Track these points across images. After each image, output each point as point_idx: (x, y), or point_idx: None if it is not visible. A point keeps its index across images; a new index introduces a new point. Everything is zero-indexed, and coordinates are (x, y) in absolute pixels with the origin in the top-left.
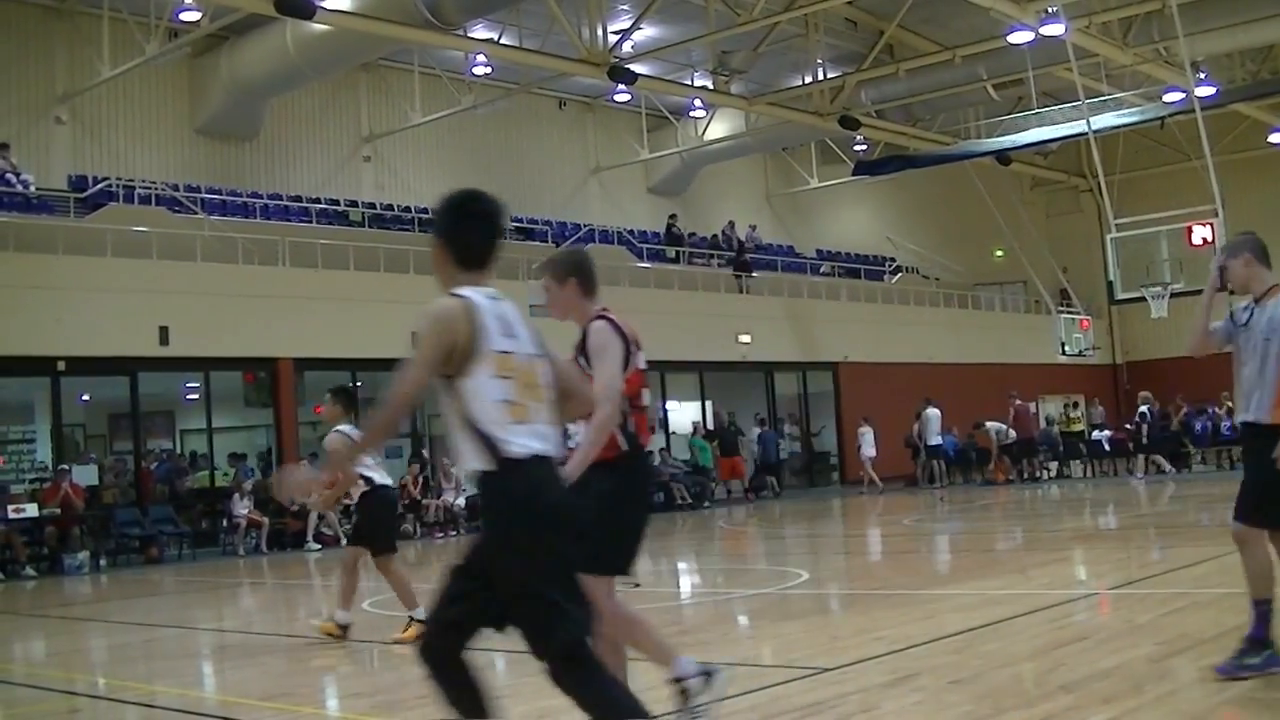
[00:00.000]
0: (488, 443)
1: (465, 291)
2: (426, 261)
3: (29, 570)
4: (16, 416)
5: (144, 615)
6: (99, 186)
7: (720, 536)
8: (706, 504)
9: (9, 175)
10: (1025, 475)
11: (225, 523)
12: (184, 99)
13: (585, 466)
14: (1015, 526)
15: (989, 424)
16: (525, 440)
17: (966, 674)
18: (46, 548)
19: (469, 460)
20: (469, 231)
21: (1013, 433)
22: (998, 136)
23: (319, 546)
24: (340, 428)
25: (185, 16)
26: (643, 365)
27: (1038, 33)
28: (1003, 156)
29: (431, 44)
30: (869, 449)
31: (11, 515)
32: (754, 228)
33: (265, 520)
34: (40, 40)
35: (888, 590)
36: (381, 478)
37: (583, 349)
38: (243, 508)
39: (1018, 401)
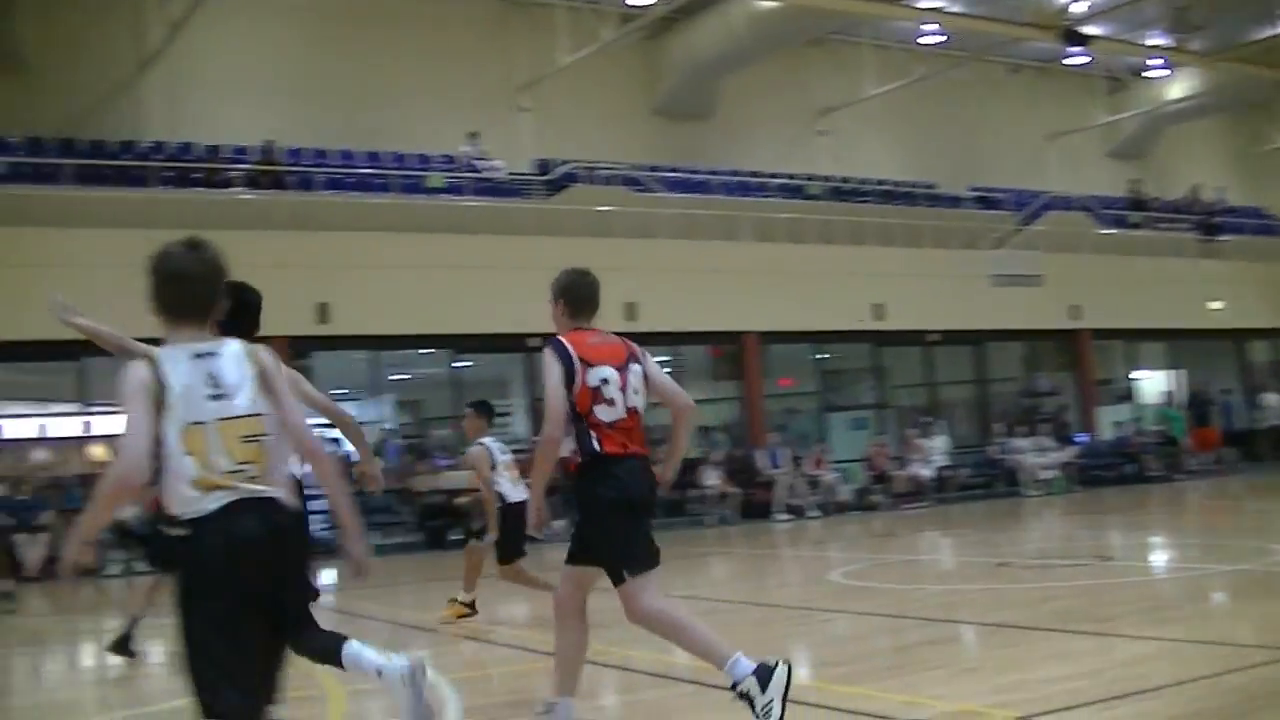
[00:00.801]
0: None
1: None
2: (887, 233)
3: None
4: (494, 392)
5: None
6: (563, 169)
7: (1193, 509)
8: (1178, 475)
9: (479, 162)
10: None
11: (695, 493)
12: (640, 81)
13: (540, 484)
14: None
15: None
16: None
17: None
18: None
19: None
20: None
21: None
22: None
23: (789, 517)
24: (482, 440)
25: (635, 1)
26: (593, 382)
27: None
28: None
29: (881, 15)
30: None
31: None
32: (1223, 189)
33: (736, 491)
34: (500, 32)
35: None
36: (514, 494)
37: None
38: (713, 478)
39: None
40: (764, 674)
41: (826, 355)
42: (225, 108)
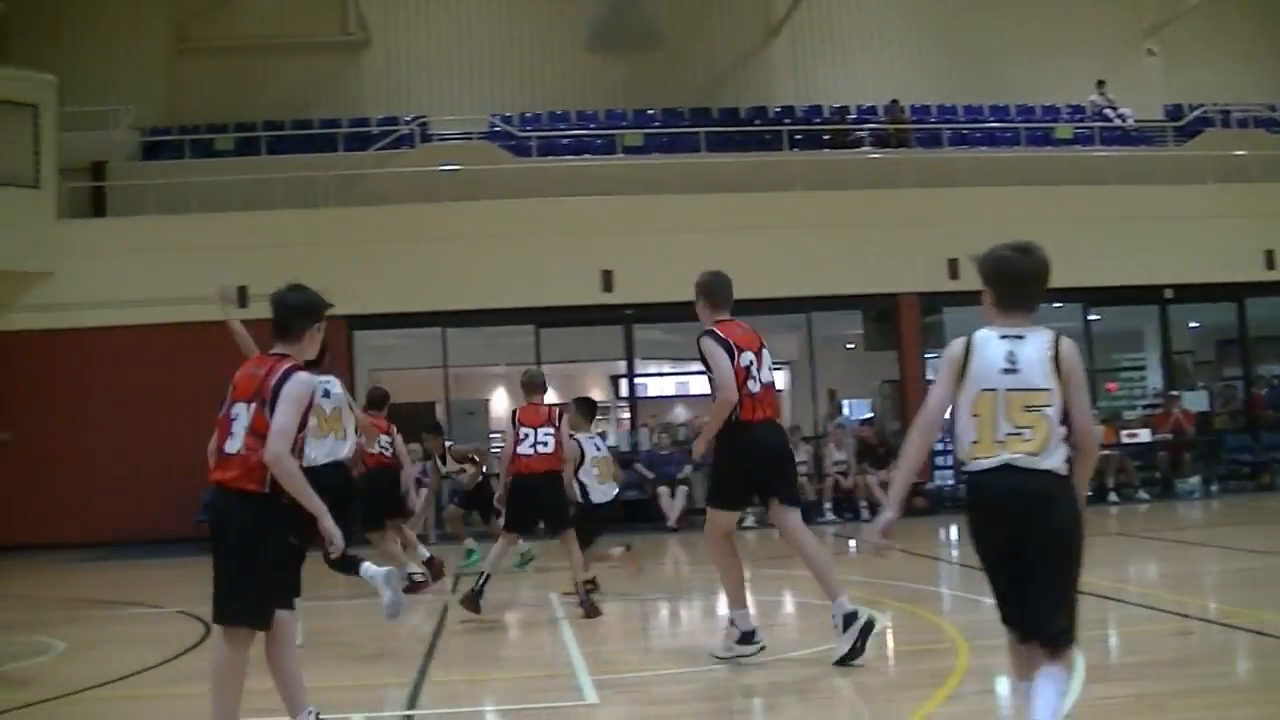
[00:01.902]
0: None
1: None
2: None
3: (1142, 494)
4: (1127, 344)
5: (1254, 542)
6: (1195, 114)
7: None
8: None
9: (1108, 110)
10: None
11: None
12: (1274, 16)
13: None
14: None
15: None
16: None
17: None
18: (1158, 472)
19: None
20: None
21: None
22: None
23: None
24: (576, 435)
25: None
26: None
27: None
28: None
29: None
30: None
31: (1125, 440)
32: None
33: None
34: None
35: None
36: (595, 494)
37: None
38: None
39: None
40: (849, 619)
41: None
42: (850, 69)
